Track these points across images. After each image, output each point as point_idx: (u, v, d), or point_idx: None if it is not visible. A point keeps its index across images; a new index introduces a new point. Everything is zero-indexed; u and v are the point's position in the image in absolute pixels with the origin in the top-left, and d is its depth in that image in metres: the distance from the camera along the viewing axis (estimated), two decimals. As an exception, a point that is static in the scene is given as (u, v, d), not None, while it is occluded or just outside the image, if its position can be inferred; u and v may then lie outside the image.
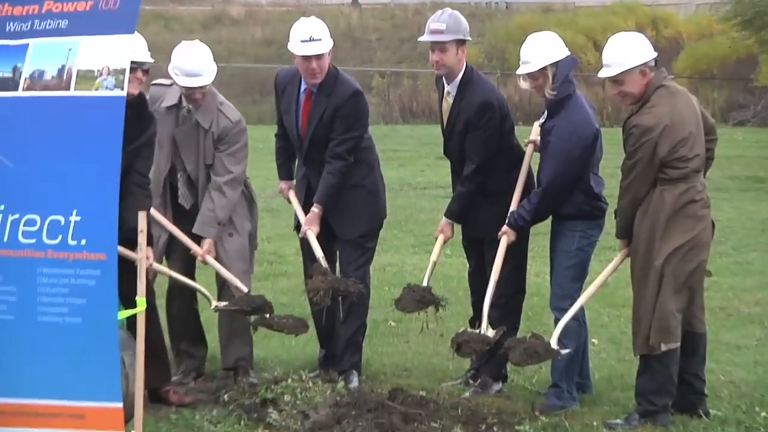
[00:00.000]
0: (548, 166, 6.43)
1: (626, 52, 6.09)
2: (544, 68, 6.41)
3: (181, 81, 6.70)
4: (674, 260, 6.04)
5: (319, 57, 6.80)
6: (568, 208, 6.49)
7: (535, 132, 6.80)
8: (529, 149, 6.80)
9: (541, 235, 7.03)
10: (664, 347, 6.09)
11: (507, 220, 6.62)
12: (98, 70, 5.36)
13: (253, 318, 6.66)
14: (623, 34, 6.33)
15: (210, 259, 6.72)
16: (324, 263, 6.65)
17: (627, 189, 6.11)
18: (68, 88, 5.37)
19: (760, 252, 11.50)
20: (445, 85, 6.85)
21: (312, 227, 6.86)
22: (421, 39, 6.92)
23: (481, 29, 31.41)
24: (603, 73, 6.20)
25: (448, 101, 6.84)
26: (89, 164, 5.25)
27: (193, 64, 6.68)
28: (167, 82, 6.96)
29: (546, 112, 6.57)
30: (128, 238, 5.64)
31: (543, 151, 6.52)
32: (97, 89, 5.33)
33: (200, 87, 6.70)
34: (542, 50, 6.44)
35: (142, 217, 5.58)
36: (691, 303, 6.25)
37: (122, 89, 5.25)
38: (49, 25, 5.49)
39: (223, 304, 6.70)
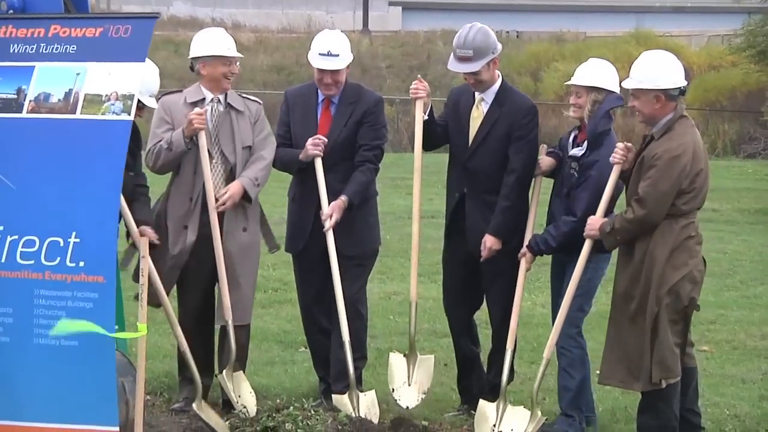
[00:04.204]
0: (585, 199, 6.39)
1: (648, 71, 6.08)
2: (589, 89, 6.40)
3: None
4: (672, 296, 5.98)
5: (334, 72, 6.81)
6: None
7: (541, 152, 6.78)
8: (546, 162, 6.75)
9: (546, 265, 7.00)
10: (664, 383, 6.03)
11: (528, 244, 6.57)
12: (106, 95, 5.38)
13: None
14: (658, 53, 6.29)
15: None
16: None
17: (645, 218, 5.96)
18: (74, 112, 5.40)
19: (767, 286, 11.44)
20: (478, 93, 6.79)
21: (335, 213, 6.79)
22: (450, 67, 6.79)
23: (493, 58, 31.36)
24: (624, 83, 6.21)
25: (481, 109, 6.78)
26: (90, 187, 5.27)
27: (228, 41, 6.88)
28: (175, 90, 7.07)
29: (580, 141, 6.52)
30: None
31: (580, 182, 6.48)
32: (103, 113, 5.35)
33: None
34: (598, 73, 6.45)
35: (144, 243, 5.56)
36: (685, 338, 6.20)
37: (129, 114, 5.26)
38: (56, 49, 5.54)
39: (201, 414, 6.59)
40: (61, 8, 6.02)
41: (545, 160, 6.73)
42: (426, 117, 6.85)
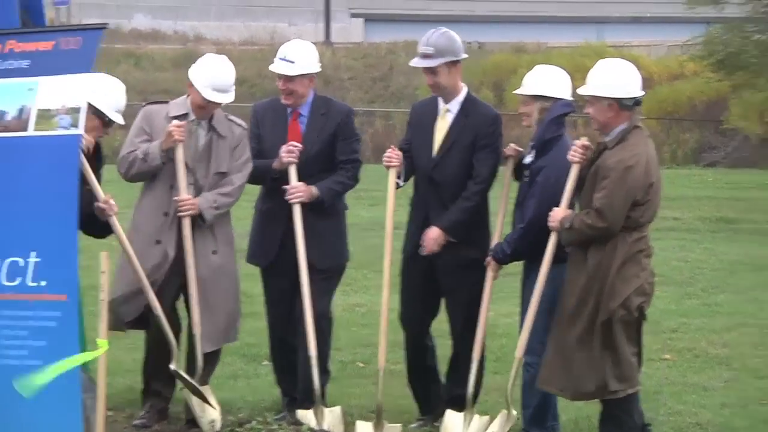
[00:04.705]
0: (531, 206, 6.41)
1: (604, 79, 6.09)
2: (534, 97, 6.42)
3: (211, 96, 6.65)
4: (623, 309, 5.99)
5: (288, 80, 6.79)
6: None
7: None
8: (509, 164, 6.76)
9: (510, 275, 7.02)
10: (623, 394, 6.04)
11: (492, 251, 6.59)
12: (56, 109, 5.33)
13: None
14: (615, 61, 6.28)
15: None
16: None
17: (603, 229, 5.94)
18: (26, 129, 5.35)
19: (729, 294, 11.51)
20: (443, 103, 6.81)
21: (304, 193, 6.77)
22: (411, 63, 6.92)
23: (455, 69, 31.49)
24: (579, 89, 6.22)
25: (447, 119, 6.80)
26: (47, 205, 5.23)
27: (224, 79, 6.69)
28: (162, 100, 7.00)
29: (533, 150, 6.54)
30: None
31: (527, 189, 6.49)
32: (54, 128, 5.30)
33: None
34: (541, 80, 6.47)
35: (104, 258, 5.52)
36: None
37: (77, 128, 5.21)
38: (11, 65, 5.50)
39: (183, 373, 6.63)
40: (18, 23, 5.97)
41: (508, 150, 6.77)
42: (401, 183, 6.87)
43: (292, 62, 6.83)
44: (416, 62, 6.77)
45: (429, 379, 7.13)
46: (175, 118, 6.71)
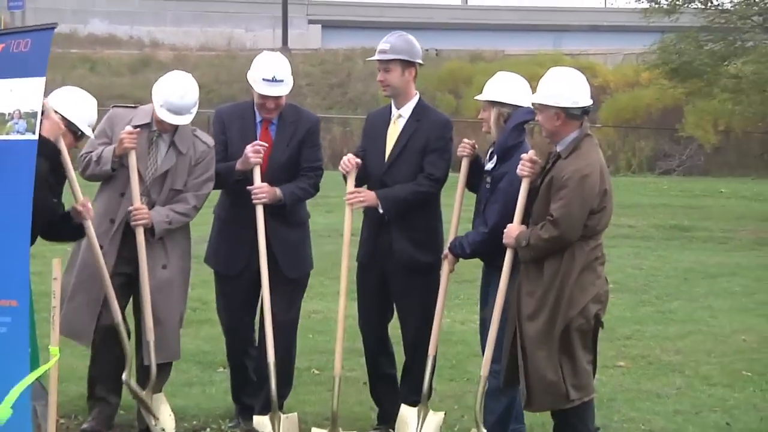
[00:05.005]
0: (495, 212, 6.39)
1: (551, 88, 6.07)
2: (492, 103, 6.44)
3: (165, 116, 6.55)
4: (581, 317, 5.99)
5: (277, 97, 6.79)
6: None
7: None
8: (464, 162, 6.72)
9: (467, 282, 7.02)
10: (578, 402, 6.06)
11: (450, 245, 6.59)
12: (9, 114, 5.28)
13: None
14: (564, 70, 6.24)
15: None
16: None
17: (560, 238, 5.92)
18: None
19: (682, 301, 11.61)
20: (395, 109, 6.86)
21: (267, 194, 6.72)
22: (368, 59, 6.99)
23: (412, 76, 31.57)
24: (530, 97, 6.24)
25: (398, 125, 6.84)
26: (0, 210, 5.16)
27: (183, 101, 6.57)
28: (131, 105, 6.89)
29: (493, 156, 6.54)
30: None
31: (490, 195, 6.50)
32: (8, 133, 5.25)
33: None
34: (499, 87, 6.48)
35: (56, 264, 5.48)
36: None
37: (34, 133, 5.16)
38: (-38, 69, 5.42)
39: (134, 384, 6.57)
40: None
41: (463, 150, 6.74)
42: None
43: (282, 81, 6.81)
44: (373, 56, 6.83)
45: (387, 386, 7.12)
46: (137, 127, 6.63)
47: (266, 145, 6.80)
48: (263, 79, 6.78)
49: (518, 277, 6.20)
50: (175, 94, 6.57)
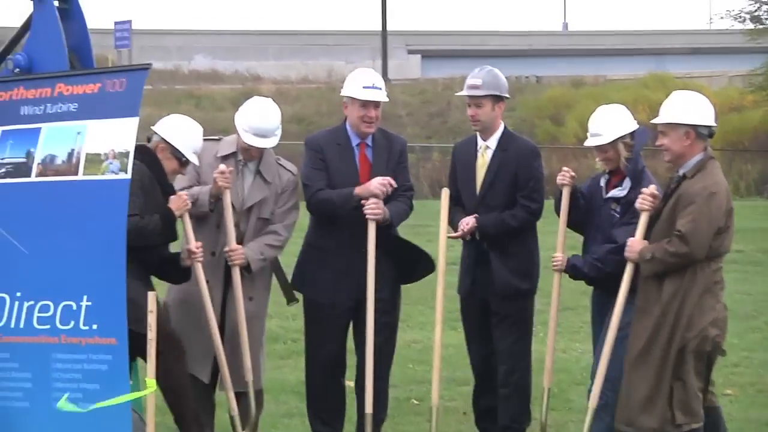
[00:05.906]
0: (630, 233, 6.26)
1: (680, 107, 6.06)
2: (615, 141, 6.39)
3: (250, 140, 6.62)
4: (698, 340, 5.92)
5: (377, 105, 6.81)
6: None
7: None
8: (565, 192, 6.62)
9: (568, 310, 6.93)
10: (686, 428, 5.95)
11: (568, 262, 6.48)
12: (104, 154, 5.38)
13: None
14: (689, 92, 6.26)
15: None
16: None
17: (687, 255, 5.86)
18: (77, 173, 5.40)
19: (793, 327, 11.34)
20: (481, 141, 6.86)
21: (382, 208, 6.67)
22: (458, 93, 7.01)
23: (512, 103, 31.44)
24: (653, 120, 6.15)
25: (486, 156, 6.84)
26: (97, 249, 5.28)
27: (267, 124, 6.64)
28: (215, 137, 6.93)
29: (626, 183, 6.43)
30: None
31: (616, 219, 6.41)
32: (103, 173, 5.35)
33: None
34: (613, 122, 6.43)
35: (151, 298, 5.52)
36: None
37: (126, 172, 5.25)
38: (61, 108, 5.57)
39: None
40: (66, 65, 6.00)
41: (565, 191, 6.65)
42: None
43: (380, 89, 6.85)
44: (463, 91, 6.83)
45: (488, 413, 7.05)
46: (224, 157, 6.70)
47: (392, 181, 6.76)
48: (363, 87, 6.77)
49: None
50: (258, 117, 6.64)
